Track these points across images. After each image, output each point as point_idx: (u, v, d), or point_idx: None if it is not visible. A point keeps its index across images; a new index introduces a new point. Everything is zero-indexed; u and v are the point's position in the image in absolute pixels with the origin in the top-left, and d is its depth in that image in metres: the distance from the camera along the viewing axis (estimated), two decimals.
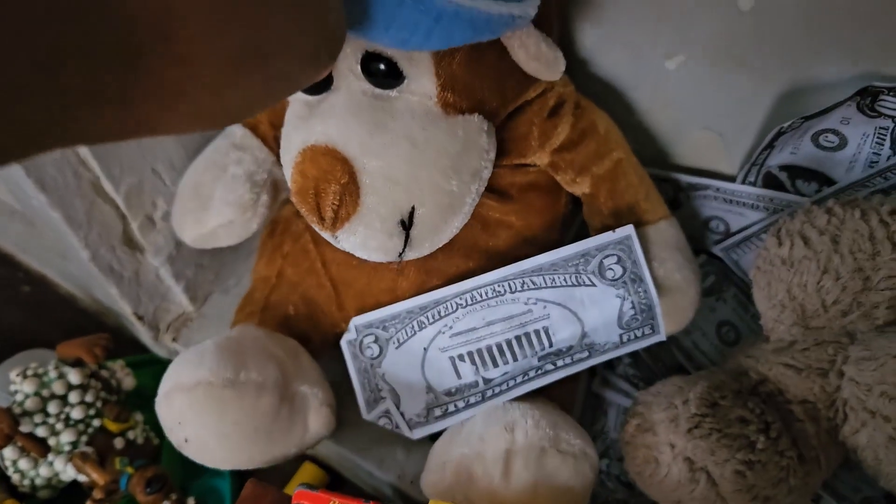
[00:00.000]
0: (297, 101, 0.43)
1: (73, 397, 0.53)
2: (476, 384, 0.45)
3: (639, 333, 0.45)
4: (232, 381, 0.41)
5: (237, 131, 0.51)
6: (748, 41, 0.43)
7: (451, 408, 0.45)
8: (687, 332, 0.52)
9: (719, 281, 0.53)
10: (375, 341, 0.46)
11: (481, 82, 0.40)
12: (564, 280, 0.44)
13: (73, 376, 0.53)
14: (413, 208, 0.40)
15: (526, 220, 0.47)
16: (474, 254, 0.46)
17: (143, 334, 0.57)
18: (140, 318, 0.55)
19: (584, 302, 0.44)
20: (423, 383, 0.46)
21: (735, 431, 0.40)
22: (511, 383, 0.45)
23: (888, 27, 0.38)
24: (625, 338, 0.45)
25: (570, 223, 0.53)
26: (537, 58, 0.38)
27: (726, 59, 0.45)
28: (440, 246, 0.43)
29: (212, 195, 0.49)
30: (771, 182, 0.48)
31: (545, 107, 0.45)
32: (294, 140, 0.41)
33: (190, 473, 0.57)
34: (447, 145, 0.40)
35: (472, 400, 0.45)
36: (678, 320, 0.46)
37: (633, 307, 0.44)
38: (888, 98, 0.41)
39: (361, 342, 0.46)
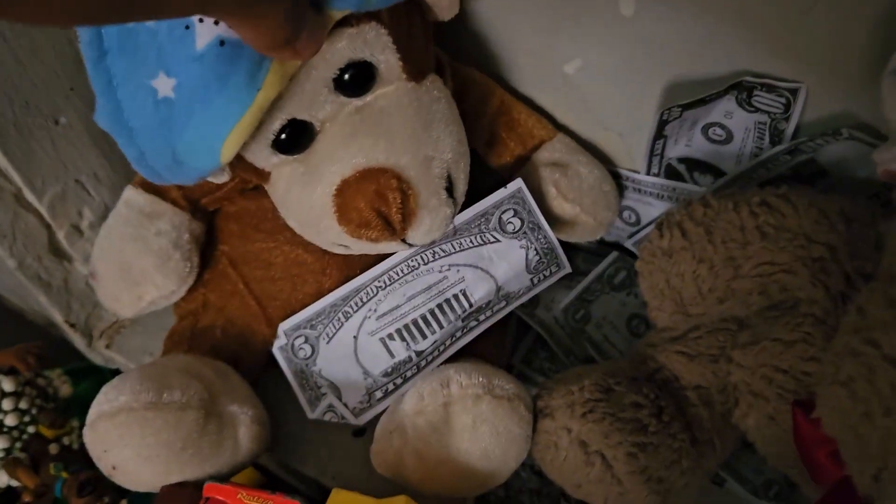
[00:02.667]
0: (285, 164, 0.43)
1: (7, 405, 0.54)
2: (409, 359, 0.47)
3: (547, 273, 0.49)
4: (154, 404, 0.40)
5: (139, 199, 0.50)
6: (633, 45, 0.45)
7: (391, 386, 0.47)
8: (598, 326, 0.54)
9: (630, 276, 0.55)
10: (306, 341, 0.47)
11: (422, 44, 0.43)
12: (471, 241, 0.48)
13: (6, 384, 0.54)
14: (448, 172, 0.43)
15: None
16: None
17: (77, 342, 0.58)
18: (72, 325, 0.56)
19: (492, 258, 0.48)
20: (360, 370, 0.48)
21: (628, 415, 0.41)
22: (442, 348, 0.47)
23: (756, 28, 0.40)
24: (535, 280, 0.49)
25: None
26: None
27: (616, 62, 0.47)
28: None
29: (144, 272, 0.49)
30: (673, 174, 0.50)
31: None
32: (316, 192, 0.42)
33: None
34: (433, 106, 0.43)
35: (409, 374, 0.47)
36: (613, 203, 0.52)
37: (538, 252, 0.49)
38: (762, 94, 0.43)
39: (293, 345, 0.47)
